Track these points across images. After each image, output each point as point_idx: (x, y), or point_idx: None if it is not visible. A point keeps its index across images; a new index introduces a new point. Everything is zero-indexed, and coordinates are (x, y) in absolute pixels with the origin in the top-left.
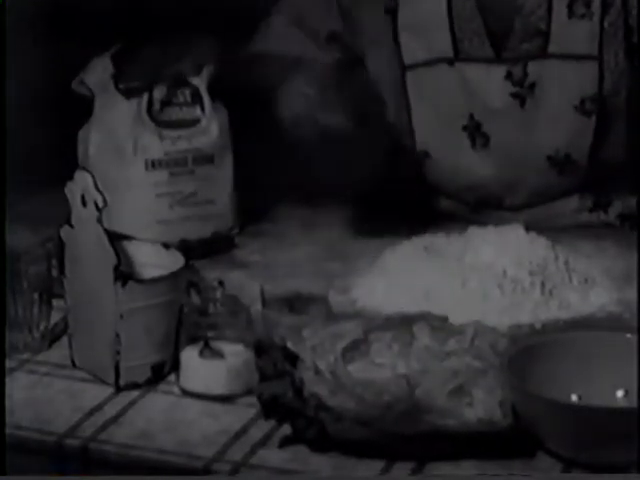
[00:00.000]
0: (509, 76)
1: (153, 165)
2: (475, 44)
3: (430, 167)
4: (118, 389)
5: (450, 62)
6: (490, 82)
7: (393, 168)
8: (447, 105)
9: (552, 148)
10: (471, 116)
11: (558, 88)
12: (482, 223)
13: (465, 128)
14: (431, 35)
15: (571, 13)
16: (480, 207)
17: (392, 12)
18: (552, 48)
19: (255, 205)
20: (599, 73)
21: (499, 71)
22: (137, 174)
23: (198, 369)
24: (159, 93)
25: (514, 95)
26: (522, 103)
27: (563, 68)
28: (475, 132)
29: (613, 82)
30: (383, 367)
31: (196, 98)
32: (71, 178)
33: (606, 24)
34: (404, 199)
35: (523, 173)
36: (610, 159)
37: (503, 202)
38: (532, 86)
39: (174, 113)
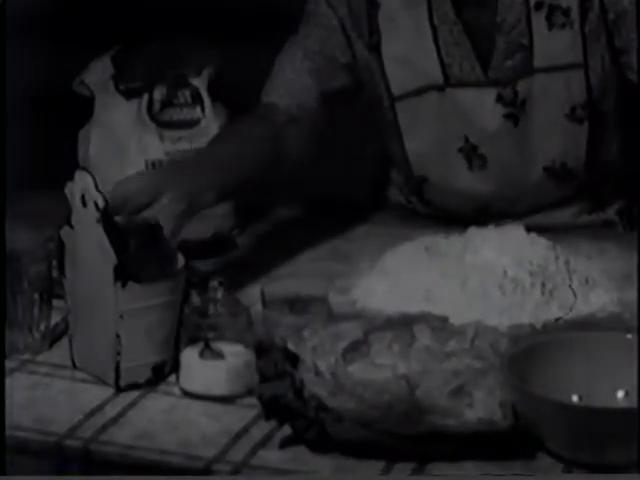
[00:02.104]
0: (500, 99)
1: (153, 165)
2: (465, 68)
3: (429, 189)
4: (118, 390)
5: (440, 89)
6: (482, 106)
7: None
8: (441, 130)
9: (548, 159)
10: (466, 139)
11: (548, 100)
12: (482, 223)
13: (461, 150)
14: (419, 64)
15: (551, 24)
16: (480, 218)
17: (376, 48)
18: (537, 62)
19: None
20: (586, 79)
21: (490, 94)
22: None
23: (198, 370)
24: (159, 94)
25: (507, 116)
26: (515, 122)
27: (551, 80)
28: (471, 154)
29: (601, 86)
30: (383, 368)
31: (196, 99)
32: (71, 178)
33: (587, 30)
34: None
35: (522, 188)
36: (606, 162)
37: (503, 212)
38: (523, 103)
39: (174, 114)
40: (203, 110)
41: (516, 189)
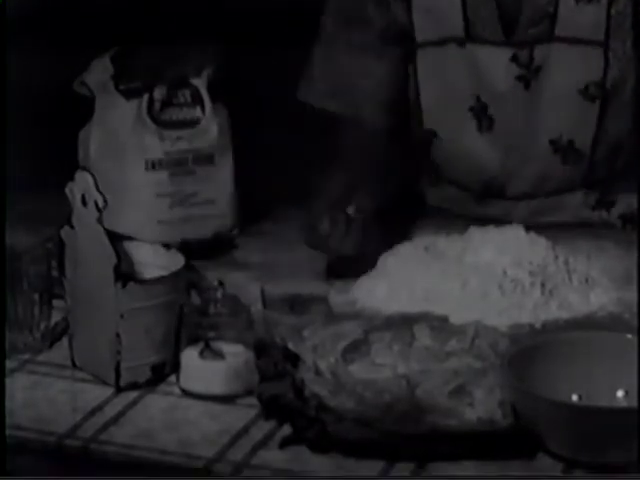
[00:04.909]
0: (515, 59)
1: (153, 165)
2: (487, 29)
3: (437, 147)
4: (118, 389)
5: (460, 43)
6: (497, 64)
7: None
8: (455, 85)
9: (555, 132)
10: (477, 98)
11: (563, 72)
12: (484, 221)
13: (472, 109)
14: (444, 16)
15: None
16: (483, 195)
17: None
18: (558, 31)
19: (255, 205)
20: (604, 59)
21: (506, 53)
22: (137, 174)
23: (198, 369)
24: (159, 94)
25: (519, 77)
26: (527, 86)
27: (569, 52)
28: (481, 114)
29: (619, 70)
30: (383, 367)
31: (196, 98)
32: (71, 178)
33: (613, 11)
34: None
35: (526, 157)
36: (614, 150)
37: (506, 189)
38: (537, 69)
39: (174, 113)
40: (203, 110)
41: (520, 158)
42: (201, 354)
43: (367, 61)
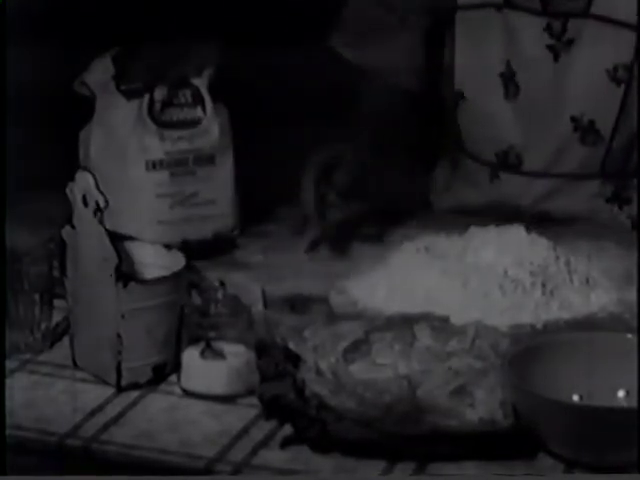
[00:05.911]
0: (548, 28)
1: (154, 166)
2: None
3: (462, 110)
4: (119, 389)
5: (498, 8)
6: (530, 32)
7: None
8: (488, 50)
9: (578, 109)
10: (508, 64)
11: (593, 49)
12: (487, 217)
13: (501, 75)
14: None
15: None
16: (500, 166)
17: None
18: (594, 9)
19: (256, 205)
20: (637, 42)
21: (540, 22)
22: (138, 175)
23: (199, 369)
24: (160, 94)
25: (549, 47)
26: (556, 57)
27: (601, 31)
28: (509, 81)
29: None
30: (384, 367)
31: (197, 99)
32: (72, 178)
33: None
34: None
35: (546, 130)
36: (632, 142)
37: (523, 162)
38: (569, 42)
39: (175, 114)
40: (204, 110)
41: (542, 131)
42: (202, 354)
43: (394, 21)
